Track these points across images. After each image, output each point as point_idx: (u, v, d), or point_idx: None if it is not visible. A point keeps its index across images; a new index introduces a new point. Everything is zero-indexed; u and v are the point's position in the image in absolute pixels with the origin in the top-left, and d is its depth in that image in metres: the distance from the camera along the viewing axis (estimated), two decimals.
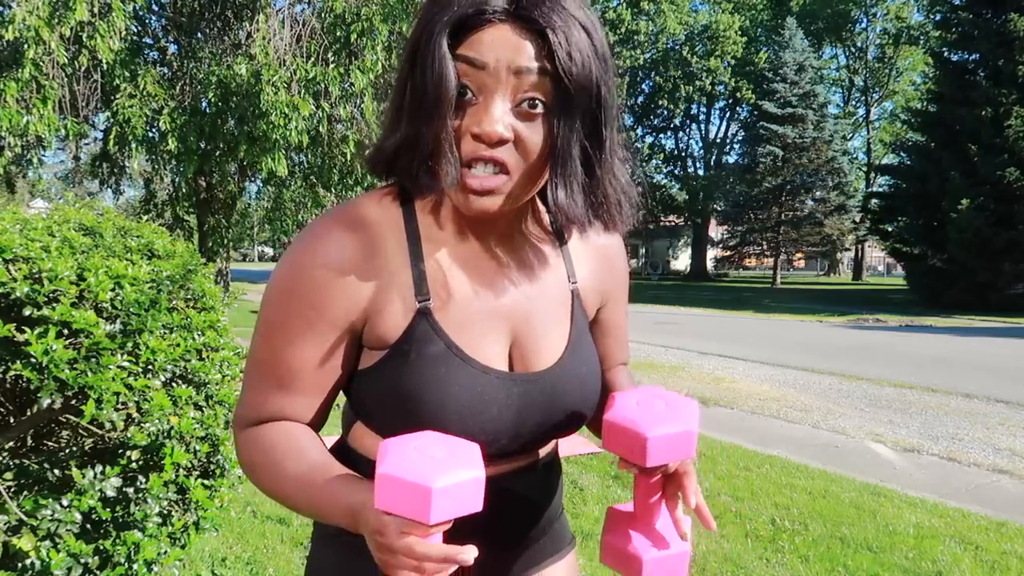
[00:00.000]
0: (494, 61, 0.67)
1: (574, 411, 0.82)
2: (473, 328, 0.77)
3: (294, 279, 0.75)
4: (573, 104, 0.69)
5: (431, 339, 0.75)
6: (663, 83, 32.11)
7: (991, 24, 17.98)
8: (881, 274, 44.38)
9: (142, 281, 1.76)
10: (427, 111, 0.68)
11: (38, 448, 1.91)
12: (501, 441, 0.77)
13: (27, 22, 5.87)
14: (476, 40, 0.67)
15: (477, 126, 0.68)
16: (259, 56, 7.32)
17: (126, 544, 1.67)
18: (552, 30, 0.67)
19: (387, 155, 0.74)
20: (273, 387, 0.77)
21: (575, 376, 0.82)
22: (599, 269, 0.90)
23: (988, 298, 16.48)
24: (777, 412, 5.65)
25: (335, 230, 0.75)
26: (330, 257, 0.74)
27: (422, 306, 0.75)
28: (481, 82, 0.68)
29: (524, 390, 0.78)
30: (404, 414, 0.74)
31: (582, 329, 0.85)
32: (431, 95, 0.67)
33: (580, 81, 0.68)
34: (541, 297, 0.82)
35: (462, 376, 0.74)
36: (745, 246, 32.02)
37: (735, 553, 2.87)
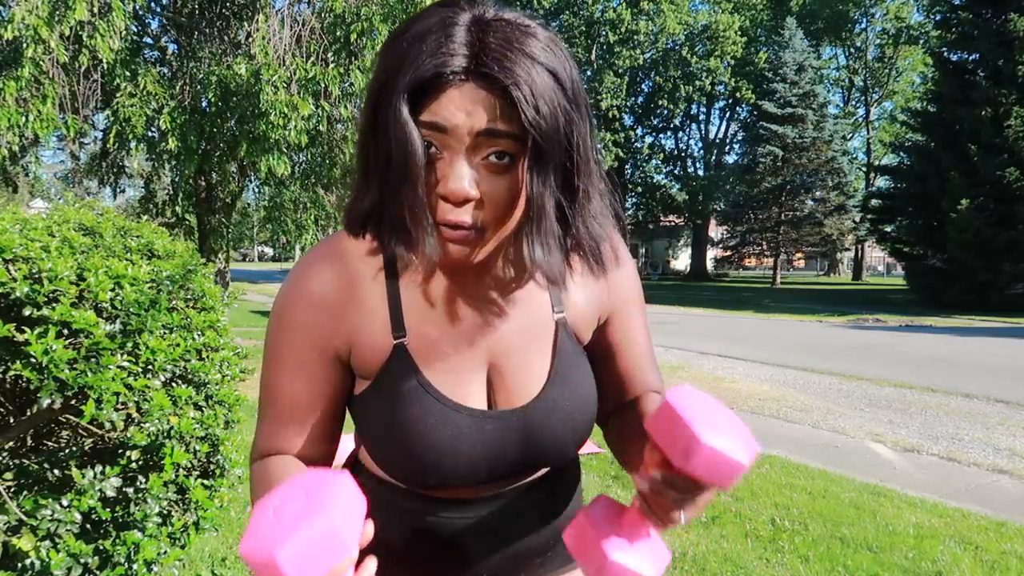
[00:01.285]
0: (455, 126, 0.64)
1: (557, 445, 0.80)
2: (449, 365, 0.77)
3: (282, 312, 0.78)
4: (544, 158, 0.66)
5: (405, 375, 0.76)
6: (663, 83, 32.08)
7: (991, 24, 17.98)
8: (881, 274, 44.38)
9: (142, 281, 1.76)
10: (396, 180, 0.65)
11: (38, 448, 1.91)
12: (479, 475, 0.77)
13: (26, 21, 5.86)
14: (436, 104, 0.64)
15: (443, 186, 0.66)
16: (259, 56, 7.32)
17: (126, 544, 1.67)
18: (516, 85, 0.63)
19: (364, 215, 0.72)
20: (271, 419, 0.80)
21: (557, 410, 0.79)
22: (594, 288, 0.85)
23: (988, 298, 16.48)
24: (777, 412, 5.65)
25: (317, 264, 0.78)
26: (312, 290, 0.76)
27: (398, 342, 0.76)
28: (444, 142, 0.65)
29: (497, 427, 0.77)
30: (385, 443, 0.77)
31: (570, 360, 0.82)
32: (397, 164, 0.65)
33: (549, 134, 0.65)
34: (520, 330, 0.80)
35: (433, 414, 0.75)
36: (745, 246, 32.03)
37: (735, 553, 2.87)
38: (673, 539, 2.99)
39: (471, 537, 0.82)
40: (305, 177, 9.17)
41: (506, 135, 0.64)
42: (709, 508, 3.38)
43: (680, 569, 2.72)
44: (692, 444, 0.61)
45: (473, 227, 0.67)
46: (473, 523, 0.81)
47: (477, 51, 0.63)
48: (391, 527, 0.80)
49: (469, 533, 0.81)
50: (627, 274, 0.89)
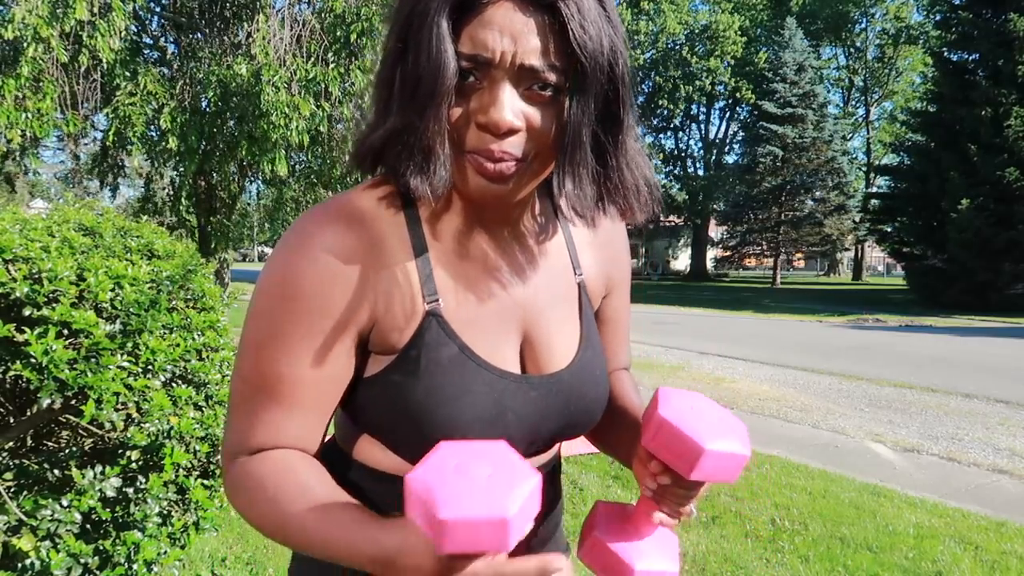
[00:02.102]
0: (500, 54, 0.60)
1: (589, 412, 0.77)
2: (486, 329, 0.71)
3: (288, 279, 0.66)
4: (588, 84, 0.62)
5: (443, 343, 0.68)
6: (663, 83, 32.10)
7: (991, 24, 17.98)
8: (881, 274, 44.39)
9: (142, 281, 1.76)
10: (420, 101, 0.60)
11: (38, 448, 1.91)
12: (519, 448, 0.70)
13: (26, 21, 5.87)
14: (477, 27, 0.60)
15: (483, 115, 0.61)
16: (259, 56, 7.32)
17: (126, 544, 1.67)
18: (562, 2, 0.59)
19: (374, 148, 0.66)
20: (266, 407, 0.68)
21: (591, 375, 0.77)
22: (602, 255, 0.84)
23: (988, 298, 16.49)
24: (777, 412, 5.65)
25: (332, 223, 0.67)
26: (329, 253, 0.66)
27: (431, 307, 0.68)
28: (485, 72, 0.61)
29: (541, 393, 0.73)
30: (416, 425, 0.67)
31: (591, 324, 0.80)
32: (426, 84, 0.60)
33: (595, 57, 0.61)
34: (550, 292, 0.76)
35: (478, 382, 0.68)
36: (745, 246, 32.04)
37: (735, 553, 2.87)
38: None
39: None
40: (306, 177, 9.17)
41: (551, 67, 0.61)
42: (709, 508, 3.38)
43: (680, 569, 2.72)
44: (697, 455, 0.64)
45: (517, 160, 0.63)
46: None
47: None
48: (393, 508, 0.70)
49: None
50: (628, 253, 0.89)
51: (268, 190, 10.11)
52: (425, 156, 0.62)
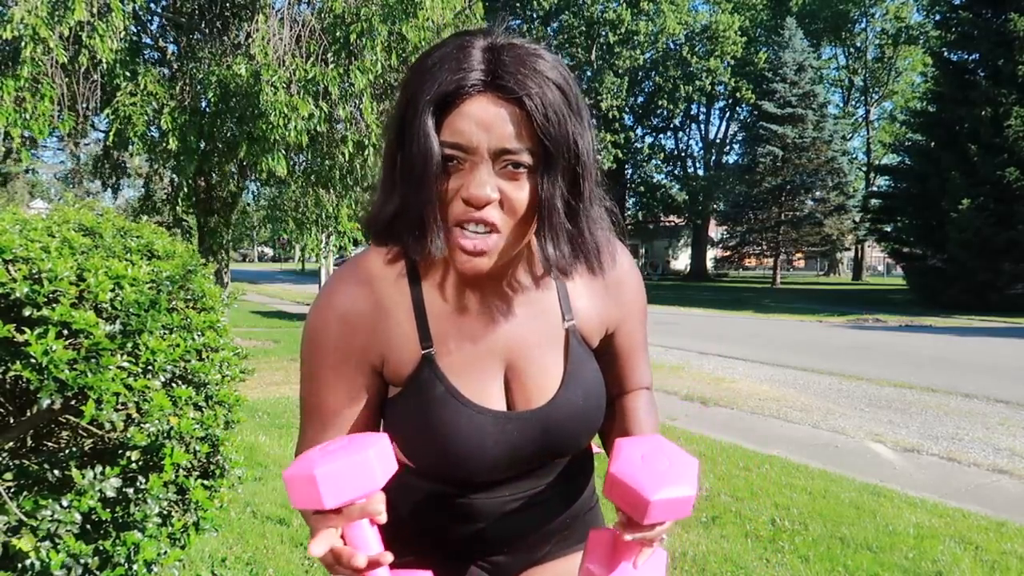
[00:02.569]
0: (475, 145, 0.73)
1: (571, 441, 0.90)
2: (472, 371, 0.86)
3: (316, 332, 0.86)
4: (554, 162, 0.75)
5: (433, 384, 0.84)
6: (663, 83, 32.07)
7: (991, 24, 17.99)
8: (881, 274, 44.36)
9: (142, 281, 1.76)
10: (415, 182, 0.74)
11: (38, 448, 1.91)
12: (498, 470, 0.86)
13: (26, 21, 5.86)
14: (457, 119, 0.73)
15: (466, 191, 0.74)
16: (259, 56, 7.31)
17: (126, 544, 1.67)
18: (528, 96, 0.72)
19: (383, 222, 0.80)
20: (318, 427, 0.88)
21: (571, 409, 0.88)
22: (602, 302, 0.94)
23: (988, 298, 16.49)
24: (777, 412, 5.65)
25: (346, 287, 0.86)
26: (344, 311, 0.84)
27: (425, 352, 0.85)
28: (465, 157, 0.74)
29: (518, 426, 0.86)
30: (414, 443, 0.85)
31: (580, 362, 0.90)
32: (418, 168, 0.73)
33: (558, 140, 0.74)
34: (535, 336, 0.88)
35: (461, 417, 0.83)
36: (745, 246, 32.04)
37: (735, 553, 2.87)
38: (673, 539, 2.99)
39: (492, 518, 0.90)
40: (305, 177, 9.17)
41: (521, 149, 0.73)
42: (709, 508, 3.38)
43: (680, 569, 2.72)
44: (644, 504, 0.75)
45: (494, 227, 0.75)
46: (494, 505, 0.89)
47: (493, 68, 0.73)
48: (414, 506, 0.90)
49: (490, 514, 0.89)
50: (633, 288, 0.97)
51: (267, 190, 10.11)
52: (421, 228, 0.75)
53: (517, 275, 0.89)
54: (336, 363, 0.85)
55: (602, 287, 0.93)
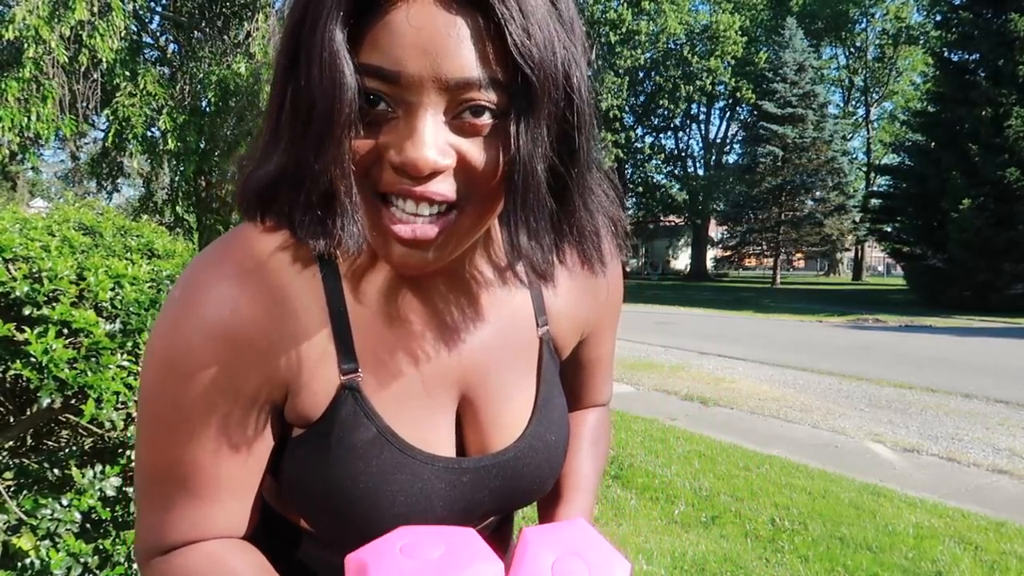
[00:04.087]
0: (410, 74, 0.46)
1: (535, 489, 0.67)
2: (413, 404, 0.60)
3: (176, 353, 0.53)
4: (538, 104, 0.48)
5: (359, 423, 0.57)
6: (663, 83, 32.09)
7: (991, 24, 17.98)
8: (881, 274, 44.39)
9: (142, 281, 1.76)
10: (314, 133, 0.47)
11: (38, 448, 1.91)
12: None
13: (27, 21, 5.87)
14: (382, 34, 0.45)
15: (398, 152, 0.47)
16: (259, 55, 7.33)
17: (126, 544, 1.67)
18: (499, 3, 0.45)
19: (260, 189, 0.52)
20: (180, 501, 0.56)
21: (540, 452, 0.65)
22: (582, 297, 0.70)
23: (988, 298, 16.49)
24: (777, 412, 5.65)
25: (223, 283, 0.54)
26: (223, 321, 0.53)
27: (347, 380, 0.57)
28: (396, 95, 0.47)
29: (476, 477, 0.62)
30: (329, 512, 0.58)
31: (551, 385, 0.68)
32: (319, 110, 0.46)
33: (545, 68, 0.47)
34: (501, 351, 0.64)
35: (399, 470, 0.58)
36: (745, 246, 32.04)
37: (735, 553, 2.87)
38: (673, 539, 2.99)
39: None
40: None
41: (489, 83, 0.47)
42: (709, 508, 3.38)
43: (680, 569, 2.72)
44: None
45: (446, 202, 0.49)
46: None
47: None
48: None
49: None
50: (617, 288, 0.75)
51: None
52: (325, 207, 0.48)
53: (475, 265, 0.62)
54: (215, 403, 0.54)
55: (582, 280, 0.68)
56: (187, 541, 0.57)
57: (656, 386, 6.61)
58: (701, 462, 4.12)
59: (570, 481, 0.74)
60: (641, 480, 3.74)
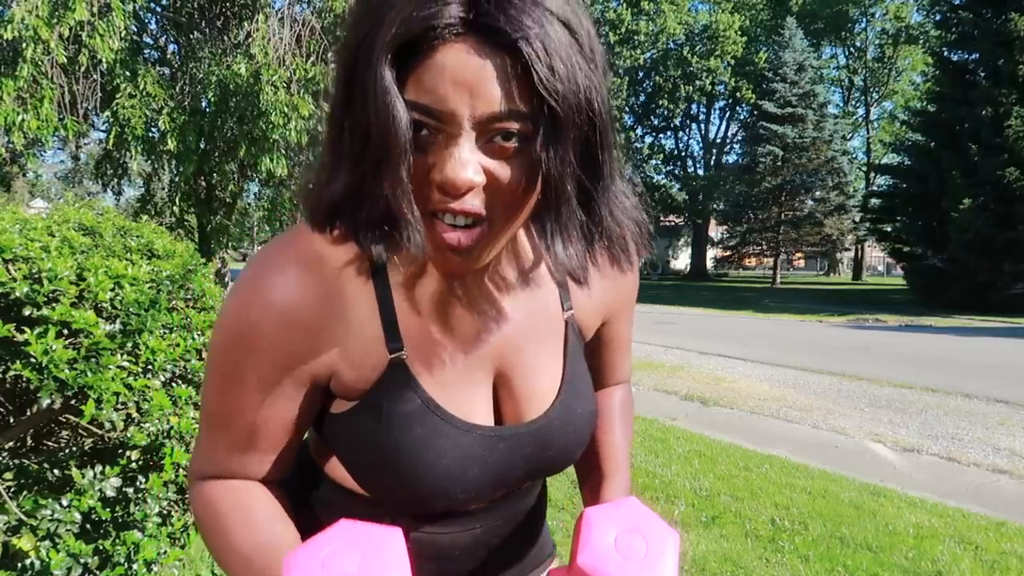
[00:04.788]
0: (451, 112, 0.53)
1: (564, 456, 0.75)
2: (454, 378, 0.69)
3: (242, 326, 0.64)
4: (563, 129, 0.55)
5: (405, 395, 0.66)
6: (663, 83, 32.11)
7: (991, 24, 17.98)
8: (881, 274, 44.39)
9: (142, 281, 1.76)
10: (375, 160, 0.54)
11: (38, 448, 1.91)
12: (482, 497, 0.71)
13: (26, 21, 5.87)
14: (426, 74, 0.53)
15: (439, 173, 0.55)
16: (259, 56, 7.32)
17: (126, 544, 1.67)
18: (526, 40, 0.52)
19: (328, 205, 0.60)
20: (228, 443, 0.68)
21: (569, 421, 0.74)
22: (603, 286, 0.78)
23: (988, 298, 16.48)
24: (777, 412, 5.65)
25: (286, 271, 0.64)
26: (283, 305, 0.63)
27: (395, 357, 0.66)
28: (438, 127, 0.55)
29: (510, 444, 0.70)
30: (378, 472, 0.67)
31: (576, 362, 0.76)
32: (377, 140, 0.53)
33: (567, 99, 0.54)
34: (531, 331, 0.72)
35: (441, 437, 0.66)
36: (745, 246, 32.03)
37: (735, 553, 2.87)
38: None
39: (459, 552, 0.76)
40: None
41: (515, 115, 0.54)
42: (709, 508, 3.38)
43: (680, 569, 2.72)
44: None
45: (479, 217, 0.57)
46: (462, 537, 0.75)
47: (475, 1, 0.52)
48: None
49: (458, 548, 0.75)
50: (634, 276, 0.83)
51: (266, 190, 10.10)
52: (389, 222, 0.56)
53: (508, 257, 0.71)
54: (268, 373, 0.65)
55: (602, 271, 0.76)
56: (223, 474, 0.70)
57: (656, 386, 6.61)
58: (701, 462, 4.12)
59: (609, 461, 0.83)
60: (641, 480, 3.74)
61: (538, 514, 0.84)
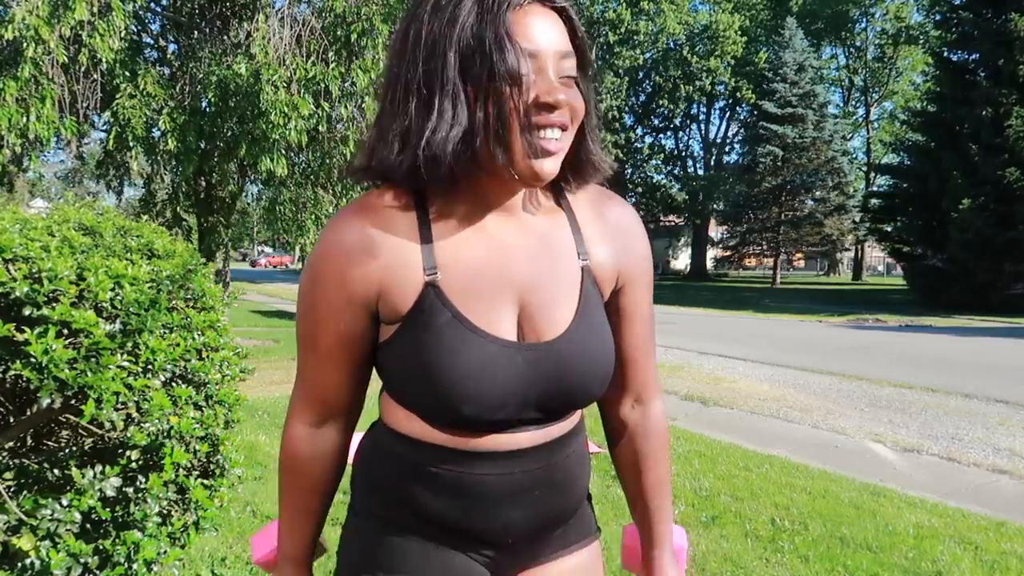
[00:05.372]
0: (546, 47, 0.76)
1: (582, 382, 0.85)
2: (480, 298, 0.81)
3: (315, 266, 0.83)
4: (589, 68, 0.81)
5: (438, 310, 0.79)
6: (663, 83, 32.09)
7: (991, 24, 17.98)
8: (881, 274, 44.35)
9: (142, 281, 1.76)
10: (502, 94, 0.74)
11: (38, 448, 1.91)
12: (508, 408, 0.81)
13: (27, 21, 5.86)
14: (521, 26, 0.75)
15: (545, 95, 0.75)
16: (259, 56, 7.31)
17: (126, 544, 1.67)
18: (568, 6, 0.79)
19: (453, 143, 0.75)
20: (313, 363, 0.87)
21: (584, 347, 0.84)
22: (614, 247, 0.91)
23: (988, 298, 16.48)
24: (777, 412, 5.65)
25: (348, 218, 0.83)
26: (343, 242, 0.81)
27: (429, 279, 0.80)
28: (535, 65, 0.76)
29: (530, 358, 0.82)
30: (419, 381, 0.80)
31: (593, 303, 0.87)
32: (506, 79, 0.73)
33: (586, 47, 0.81)
34: (550, 269, 0.85)
35: (468, 344, 0.79)
36: (745, 246, 32.03)
37: (735, 553, 2.87)
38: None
39: (505, 496, 0.85)
40: (304, 177, 9.17)
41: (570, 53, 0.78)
42: (709, 508, 3.38)
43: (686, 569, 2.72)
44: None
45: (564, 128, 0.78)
46: (507, 481, 0.84)
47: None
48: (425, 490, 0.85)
49: (503, 491, 0.85)
50: (645, 246, 0.96)
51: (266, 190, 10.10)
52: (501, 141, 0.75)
53: (530, 206, 0.87)
54: (332, 299, 0.82)
55: (613, 230, 0.91)
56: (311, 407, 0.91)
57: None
58: (701, 462, 4.12)
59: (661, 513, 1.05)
60: None
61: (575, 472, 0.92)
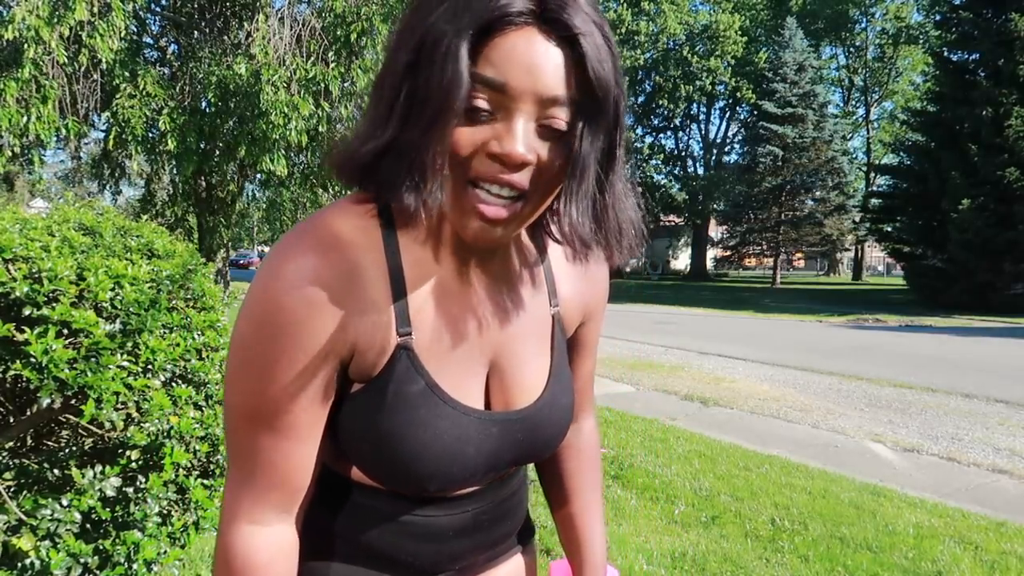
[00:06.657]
0: (518, 84, 0.59)
1: (551, 442, 0.81)
2: (454, 364, 0.72)
3: (268, 311, 0.65)
4: (597, 119, 0.63)
5: (411, 377, 0.69)
6: (663, 83, 32.08)
7: (991, 24, 17.98)
8: (881, 274, 44.37)
9: (142, 281, 1.76)
10: (426, 119, 0.59)
11: (38, 448, 1.91)
12: (475, 477, 0.75)
13: (27, 21, 5.87)
14: (496, 53, 0.59)
15: (498, 145, 0.60)
16: (259, 56, 7.32)
17: (126, 544, 1.67)
18: (582, 36, 0.60)
19: (364, 160, 0.64)
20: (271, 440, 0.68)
21: (554, 410, 0.79)
22: (582, 285, 0.84)
23: (988, 298, 16.48)
24: (777, 412, 5.65)
25: (308, 254, 0.65)
26: (307, 285, 0.64)
27: (403, 341, 0.69)
28: (500, 101, 0.60)
29: (503, 429, 0.75)
30: (382, 449, 0.69)
31: (561, 355, 0.81)
32: (434, 103, 0.59)
33: (607, 94, 0.62)
34: (523, 325, 0.77)
35: (442, 419, 0.70)
36: (745, 246, 32.01)
37: (735, 553, 2.87)
38: (673, 539, 2.99)
39: (454, 532, 0.79)
40: (304, 177, 9.18)
41: (567, 102, 0.61)
42: (709, 508, 3.38)
43: (680, 569, 2.72)
44: None
45: (522, 191, 0.63)
46: (458, 519, 0.78)
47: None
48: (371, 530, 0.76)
49: (453, 528, 0.78)
50: (606, 274, 0.88)
51: (265, 190, 10.11)
52: (422, 174, 0.61)
53: (510, 251, 0.77)
54: (301, 356, 0.65)
55: (583, 271, 0.83)
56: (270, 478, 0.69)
57: (656, 386, 6.61)
58: (701, 462, 4.12)
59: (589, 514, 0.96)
60: (641, 480, 3.74)
61: (521, 497, 0.89)
